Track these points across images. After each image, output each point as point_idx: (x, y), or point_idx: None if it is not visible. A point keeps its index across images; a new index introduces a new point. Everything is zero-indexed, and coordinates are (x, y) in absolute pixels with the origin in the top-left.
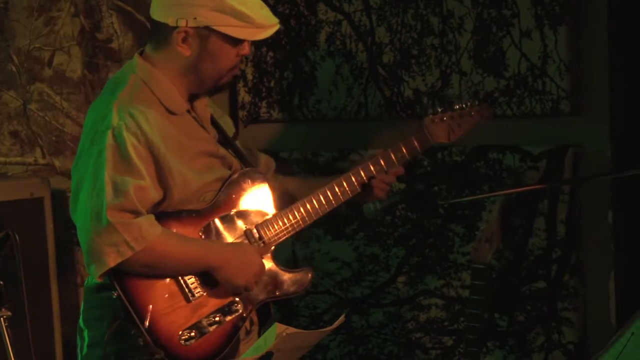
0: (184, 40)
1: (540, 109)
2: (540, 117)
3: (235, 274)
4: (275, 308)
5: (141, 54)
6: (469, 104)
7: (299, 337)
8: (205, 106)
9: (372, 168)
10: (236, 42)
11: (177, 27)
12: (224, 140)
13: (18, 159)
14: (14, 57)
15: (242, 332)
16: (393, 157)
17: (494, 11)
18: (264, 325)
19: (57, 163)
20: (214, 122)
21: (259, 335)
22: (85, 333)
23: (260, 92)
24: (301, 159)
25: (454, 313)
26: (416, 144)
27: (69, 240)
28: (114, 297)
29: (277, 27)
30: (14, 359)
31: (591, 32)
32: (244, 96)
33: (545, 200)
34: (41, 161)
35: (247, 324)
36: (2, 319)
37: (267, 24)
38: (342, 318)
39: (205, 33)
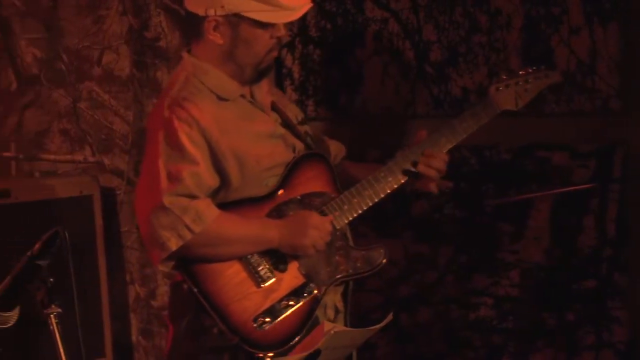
0: (215, 28)
1: (590, 106)
2: (589, 115)
3: (297, 236)
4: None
5: (189, 51)
6: (535, 68)
7: (346, 335)
8: (265, 93)
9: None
10: (267, 25)
11: (206, 16)
12: (286, 124)
13: (68, 157)
14: (63, 56)
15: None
16: (459, 128)
17: (542, 8)
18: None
19: (106, 161)
20: (275, 108)
21: (345, 322)
22: (170, 328)
23: (307, 90)
24: (349, 157)
25: (503, 312)
26: (482, 113)
27: (118, 237)
28: (186, 289)
29: (308, 6)
30: (64, 355)
31: None
32: (290, 94)
33: (595, 199)
34: (90, 159)
35: (330, 312)
36: (52, 315)
37: (296, 5)
38: (389, 317)
39: (235, 20)
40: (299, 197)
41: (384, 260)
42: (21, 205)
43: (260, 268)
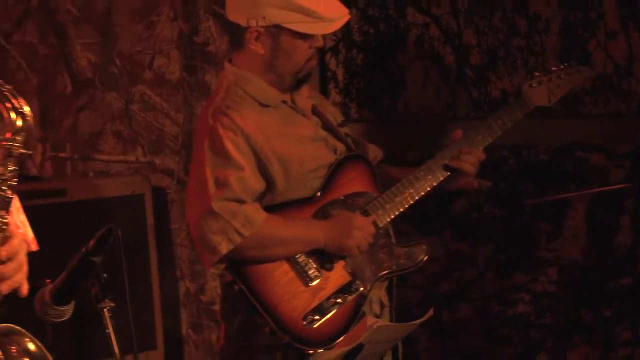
0: (257, 39)
1: (626, 109)
2: (625, 117)
3: (342, 237)
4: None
5: (230, 60)
6: (566, 64)
7: (389, 329)
8: (305, 97)
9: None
10: (306, 36)
11: (248, 27)
12: (327, 127)
13: (120, 157)
14: (117, 60)
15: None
16: (494, 125)
17: (579, 13)
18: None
19: (157, 161)
20: (316, 112)
21: (391, 315)
22: (222, 326)
23: (351, 93)
24: (390, 158)
25: (541, 308)
26: (516, 109)
27: (168, 235)
28: (237, 289)
29: (346, 18)
30: (117, 348)
31: None
32: (334, 97)
33: (631, 199)
34: (142, 159)
35: (375, 307)
36: (105, 309)
37: (335, 17)
38: (430, 312)
39: (276, 31)
40: (342, 198)
41: (426, 256)
42: (76, 203)
43: (308, 267)
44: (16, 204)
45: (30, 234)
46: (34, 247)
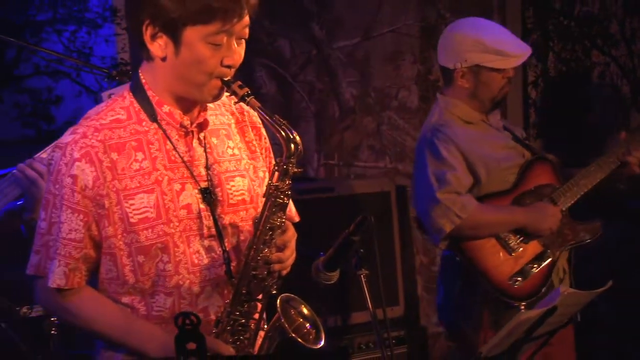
0: (462, 76)
1: None
2: None
3: (539, 223)
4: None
5: (441, 93)
6: None
7: (576, 296)
8: (497, 119)
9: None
10: (499, 70)
11: (455, 68)
12: (516, 139)
13: (373, 164)
14: (372, 93)
15: (555, 280)
16: None
17: None
18: (572, 274)
19: (400, 167)
20: (507, 128)
21: (571, 281)
22: (441, 288)
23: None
24: (575, 163)
25: None
26: None
27: (407, 221)
28: (457, 260)
29: (528, 53)
30: (370, 303)
31: None
32: (534, 118)
33: None
34: (389, 166)
35: (560, 272)
36: (362, 275)
37: (519, 54)
38: (609, 284)
39: (476, 69)
40: (532, 189)
41: (601, 232)
42: (341, 198)
43: (510, 241)
44: None
45: (293, 209)
46: (297, 218)
